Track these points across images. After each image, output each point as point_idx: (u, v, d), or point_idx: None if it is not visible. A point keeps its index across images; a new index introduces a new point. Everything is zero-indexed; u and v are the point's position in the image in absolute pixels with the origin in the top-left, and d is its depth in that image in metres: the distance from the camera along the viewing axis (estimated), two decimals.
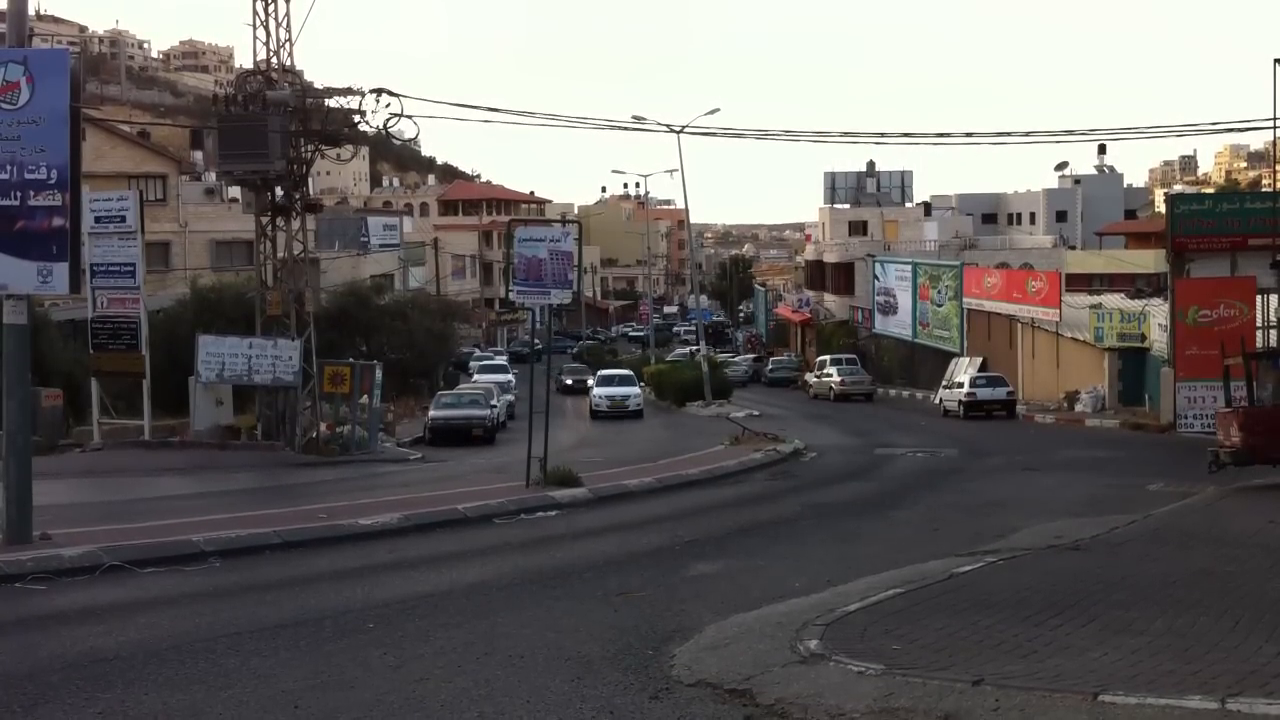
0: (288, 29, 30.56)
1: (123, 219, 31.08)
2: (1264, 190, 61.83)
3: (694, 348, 64.12)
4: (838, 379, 57.45)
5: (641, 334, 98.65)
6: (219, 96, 35.05)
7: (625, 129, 77.72)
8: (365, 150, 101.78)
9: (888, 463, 27.41)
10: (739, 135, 37.97)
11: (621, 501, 20.50)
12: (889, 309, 65.81)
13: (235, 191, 57.05)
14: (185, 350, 31.68)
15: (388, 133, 28.70)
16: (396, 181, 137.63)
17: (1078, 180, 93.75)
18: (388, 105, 27.70)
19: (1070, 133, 51.33)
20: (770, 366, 73.93)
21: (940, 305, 58.62)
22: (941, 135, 32.33)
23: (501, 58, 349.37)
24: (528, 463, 21.14)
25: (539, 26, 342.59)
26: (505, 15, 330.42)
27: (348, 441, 31.66)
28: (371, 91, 28.41)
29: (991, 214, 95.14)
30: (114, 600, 12.07)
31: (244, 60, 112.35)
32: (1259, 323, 33.45)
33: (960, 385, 45.83)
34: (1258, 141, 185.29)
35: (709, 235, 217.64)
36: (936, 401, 48.54)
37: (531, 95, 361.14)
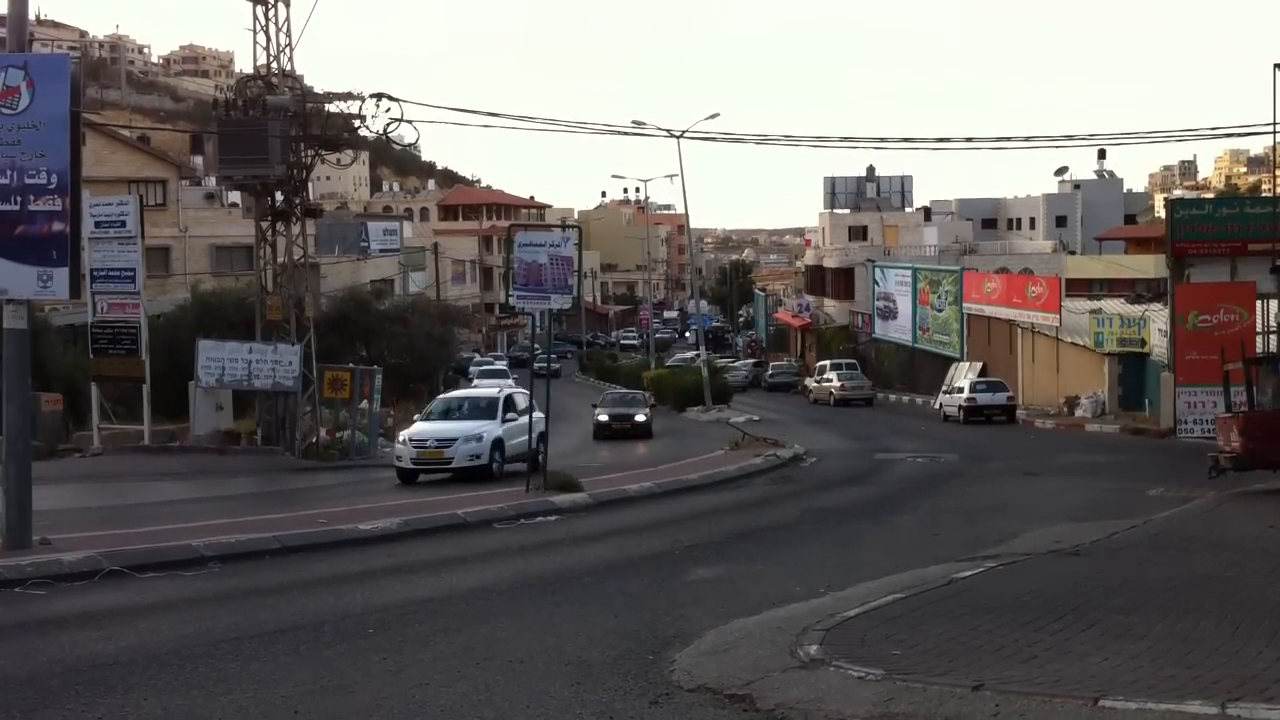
0: (288, 34, 30.70)
1: (123, 224, 31.14)
2: (1264, 195, 61.79)
3: (695, 352, 64.14)
4: (837, 384, 57.45)
5: (635, 341, 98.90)
6: (219, 101, 35.07)
7: (625, 134, 77.77)
8: (365, 155, 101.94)
9: (887, 468, 27.40)
10: (739, 140, 38.28)
11: (621, 506, 20.51)
12: (889, 314, 65.84)
13: (235, 196, 57.08)
14: (185, 355, 31.71)
15: (388, 137, 28.77)
16: (396, 186, 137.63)
17: (1077, 185, 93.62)
18: (388, 110, 27.73)
19: (1070, 138, 51.62)
20: (770, 371, 73.95)
21: (940, 310, 58.65)
22: (941, 140, 32.59)
23: (501, 58, 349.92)
24: (527, 468, 21.15)
25: (539, 27, 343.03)
26: (505, 16, 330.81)
27: (347, 446, 31.69)
28: (371, 96, 28.45)
29: (991, 219, 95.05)
30: (114, 605, 12.07)
31: (244, 65, 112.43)
32: (1259, 328, 33.42)
33: (960, 390, 45.85)
34: (1257, 146, 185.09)
35: (709, 240, 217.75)
36: (936, 406, 48.55)
37: (531, 96, 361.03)
